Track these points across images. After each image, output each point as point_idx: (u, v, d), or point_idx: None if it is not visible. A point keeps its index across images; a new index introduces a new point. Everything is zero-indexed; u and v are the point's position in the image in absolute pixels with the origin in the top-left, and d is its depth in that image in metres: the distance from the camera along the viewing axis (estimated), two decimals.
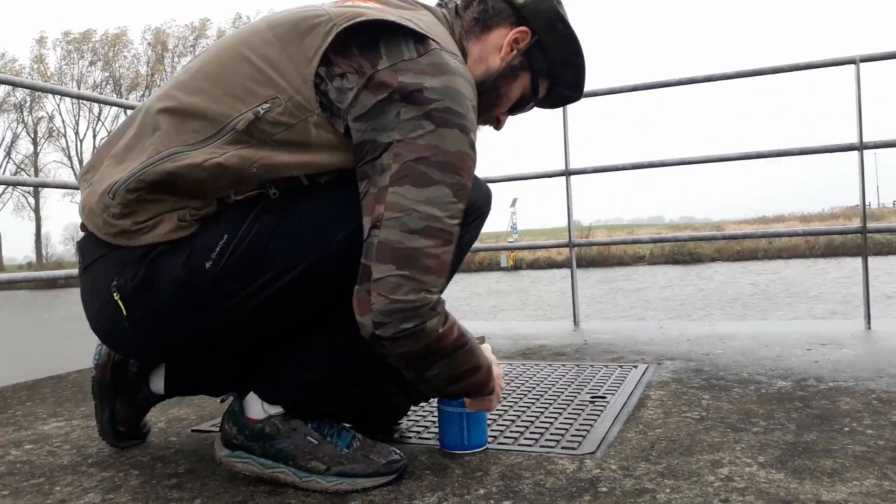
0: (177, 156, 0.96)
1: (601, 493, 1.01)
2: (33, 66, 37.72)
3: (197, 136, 0.98)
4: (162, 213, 0.99)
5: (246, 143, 0.97)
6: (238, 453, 1.09)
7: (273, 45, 0.99)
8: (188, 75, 1.04)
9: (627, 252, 21.55)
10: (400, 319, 0.93)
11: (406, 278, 0.93)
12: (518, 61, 1.15)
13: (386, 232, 0.94)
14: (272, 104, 0.96)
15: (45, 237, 41.38)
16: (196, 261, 0.98)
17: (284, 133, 0.96)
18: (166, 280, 0.98)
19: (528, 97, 1.20)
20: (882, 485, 0.99)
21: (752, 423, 1.32)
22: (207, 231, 0.99)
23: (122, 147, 1.04)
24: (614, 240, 3.64)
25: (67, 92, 3.03)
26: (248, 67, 0.98)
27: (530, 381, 1.76)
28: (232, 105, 0.97)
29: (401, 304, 0.93)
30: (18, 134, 38.53)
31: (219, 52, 1.04)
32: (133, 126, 1.05)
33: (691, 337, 2.38)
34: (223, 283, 0.98)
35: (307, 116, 0.96)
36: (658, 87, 2.95)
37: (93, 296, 1.06)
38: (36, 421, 1.62)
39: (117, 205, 0.98)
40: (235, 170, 0.97)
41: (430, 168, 0.94)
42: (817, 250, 19.48)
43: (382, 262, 0.94)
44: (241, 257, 0.98)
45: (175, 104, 1.00)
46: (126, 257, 0.99)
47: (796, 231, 3.04)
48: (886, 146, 2.57)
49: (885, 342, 2.16)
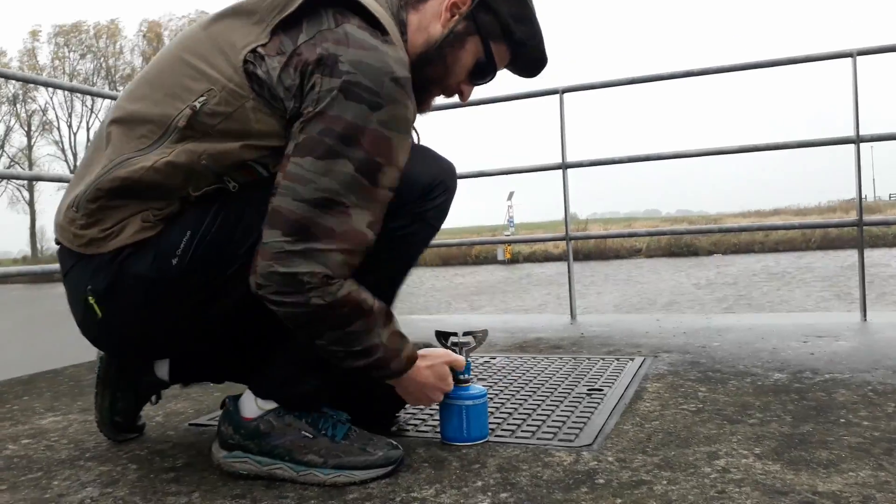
0: (128, 161, 1.00)
1: (598, 484, 1.01)
2: (22, 59, 37.48)
3: (146, 140, 1.01)
4: (126, 217, 1.01)
5: (190, 138, 0.99)
6: (235, 453, 1.10)
7: (204, 42, 1.02)
8: (133, 85, 1.09)
9: (624, 245, 21.57)
10: (278, 284, 0.95)
11: (290, 245, 0.95)
12: (462, 26, 1.10)
13: (279, 199, 0.96)
14: (208, 96, 0.98)
15: (39, 231, 41.14)
16: (162, 258, 1.00)
17: (224, 123, 0.98)
18: (135, 280, 1.01)
19: (484, 64, 1.13)
20: (878, 475, 1.00)
21: (748, 414, 1.33)
22: (172, 229, 1.02)
23: (82, 165, 1.09)
24: (611, 233, 3.65)
25: (60, 84, 3.02)
26: (184, 67, 1.01)
27: (527, 373, 1.76)
28: (171, 104, 1.00)
29: (280, 270, 0.95)
30: (12, 127, 38.35)
31: (159, 58, 1.08)
32: (92, 144, 1.10)
33: (688, 329, 2.39)
34: (190, 277, 1.01)
35: (243, 102, 0.97)
36: (655, 80, 2.95)
37: (73, 301, 1.09)
38: (33, 415, 1.62)
39: (81, 216, 1.02)
40: (186, 165, 0.99)
41: (334, 141, 0.94)
42: (814, 243, 19.53)
43: (271, 227, 0.96)
44: (206, 251, 1.01)
45: (122, 114, 1.05)
46: (97, 262, 1.03)
47: (793, 224, 3.05)
48: (883, 139, 2.58)
49: (880, 334, 2.17)
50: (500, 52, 1.14)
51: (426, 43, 1.10)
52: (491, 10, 1.10)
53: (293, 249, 0.95)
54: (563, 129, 2.99)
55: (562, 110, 2.99)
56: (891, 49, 2.54)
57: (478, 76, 1.16)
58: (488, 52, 1.13)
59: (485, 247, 22.08)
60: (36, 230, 39.76)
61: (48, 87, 3.80)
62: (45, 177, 3.73)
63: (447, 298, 11.78)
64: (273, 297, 0.96)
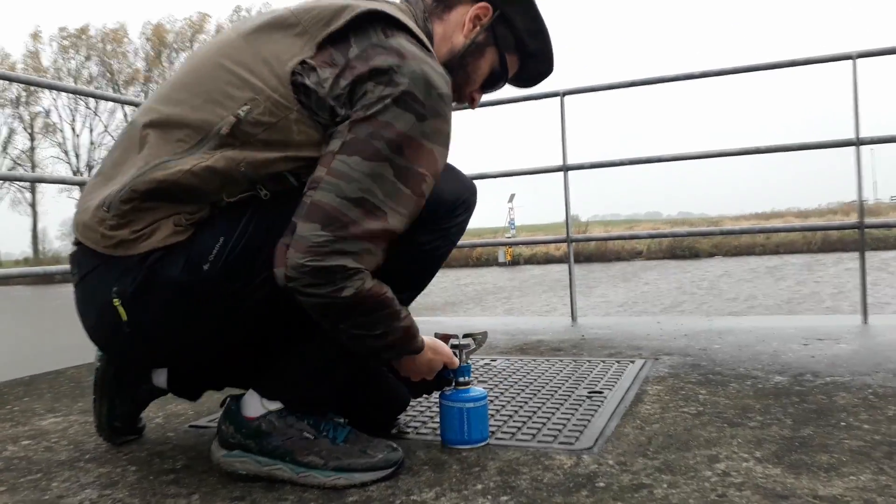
0: (165, 164, 0.99)
1: (598, 488, 1.01)
2: (26, 62, 37.52)
3: (183, 145, 1.00)
4: (158, 219, 1.00)
5: (231, 145, 0.99)
6: (235, 452, 1.09)
7: (245, 50, 1.02)
8: (168, 89, 1.08)
9: (625, 247, 21.56)
10: (311, 277, 0.95)
11: (328, 241, 0.95)
12: (482, 37, 1.16)
13: (321, 194, 0.96)
14: (252, 105, 0.98)
15: (41, 232, 41.21)
16: (194, 263, 0.99)
17: (267, 132, 0.99)
18: (165, 284, 0.99)
19: (498, 73, 1.21)
20: (878, 479, 1.00)
21: (748, 417, 1.33)
22: (204, 234, 1.00)
23: (110, 165, 1.07)
24: (612, 235, 3.64)
25: (64, 87, 3.02)
26: (224, 74, 1.02)
27: (528, 376, 1.76)
28: (213, 111, 1.00)
29: (315, 264, 0.94)
30: (15, 129, 38.41)
31: (195, 63, 1.08)
32: (119, 144, 1.09)
33: (688, 332, 2.38)
34: (221, 284, 1.00)
35: (287, 114, 0.99)
36: (656, 83, 2.95)
37: (90, 305, 1.07)
38: (33, 417, 1.62)
39: (112, 216, 1.00)
40: (224, 171, 0.98)
41: (382, 145, 0.96)
42: (815, 245, 19.50)
43: (309, 220, 0.96)
44: (238, 258, 1.00)
45: (158, 117, 1.04)
46: (125, 264, 1.00)
47: (794, 226, 3.05)
48: (883, 142, 2.58)
49: (881, 337, 2.16)
50: (511, 63, 1.22)
51: (450, 52, 1.16)
52: (508, 24, 1.18)
53: (330, 243, 0.95)
54: (563, 132, 2.99)
55: (563, 113, 2.99)
56: (891, 51, 2.53)
57: (490, 85, 1.23)
58: (503, 63, 1.20)
59: (486, 249, 22.08)
60: (38, 232, 39.83)
61: (52, 90, 3.79)
62: (47, 179, 3.74)
63: (449, 298, 11.80)
64: (304, 290, 0.96)
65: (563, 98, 2.99)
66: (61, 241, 46.32)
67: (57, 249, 44.86)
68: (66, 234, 44.83)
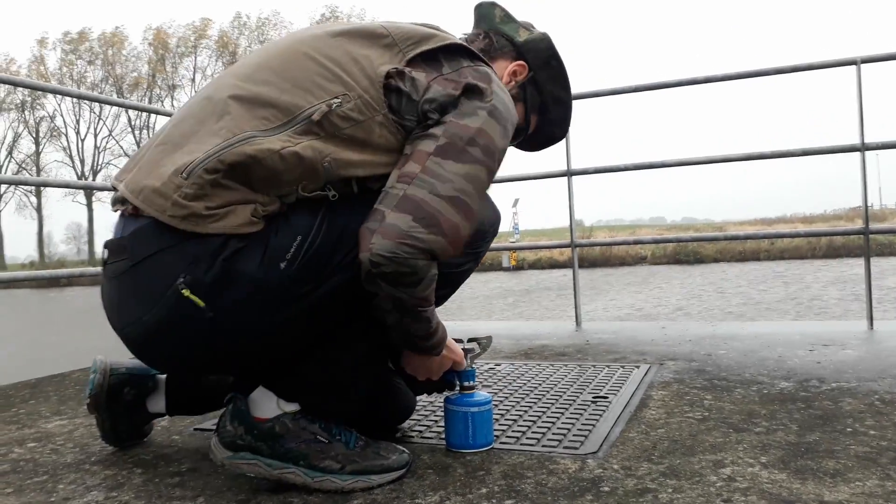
0: (253, 139, 0.97)
1: (603, 492, 1.01)
2: (31, 67, 37.74)
3: (268, 122, 0.99)
4: (233, 202, 0.96)
5: (317, 134, 0.99)
6: (242, 454, 1.06)
7: (336, 48, 1.05)
8: (249, 70, 1.06)
9: (629, 252, 21.53)
10: (399, 265, 0.95)
11: (418, 233, 0.96)
12: (515, 92, 1.25)
13: (414, 189, 0.99)
14: (343, 99, 1.00)
15: (46, 236, 41.42)
16: (272, 260, 0.97)
17: (352, 129, 1.00)
18: (242, 278, 0.96)
19: (519, 130, 1.27)
20: (885, 485, 0.99)
21: (754, 423, 1.32)
22: (279, 230, 0.98)
23: (179, 135, 1.02)
24: (616, 240, 3.64)
25: (69, 91, 3.03)
26: (314, 65, 1.03)
27: (532, 381, 1.76)
28: (303, 97, 1.00)
29: (402, 252, 0.95)
30: (20, 133, 38.61)
31: (279, 50, 1.08)
32: (188, 116, 1.05)
33: (693, 337, 2.38)
34: (295, 284, 0.98)
35: (374, 115, 1.01)
36: (660, 88, 2.95)
37: (141, 295, 0.99)
38: (39, 419, 1.63)
39: (192, 184, 0.95)
40: (310, 162, 0.98)
41: (474, 149, 1.02)
42: (819, 251, 19.44)
43: (401, 211, 0.97)
44: (313, 259, 0.99)
45: (244, 92, 1.02)
46: (196, 251, 0.95)
47: (798, 232, 3.04)
48: (888, 147, 2.57)
49: (887, 343, 2.16)
50: (532, 123, 1.31)
51: None
52: (538, 86, 1.28)
53: (421, 237, 0.96)
54: (567, 137, 3.00)
55: None
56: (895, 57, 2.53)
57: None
58: (527, 120, 1.29)
59: (490, 253, 22.06)
60: (43, 236, 39.99)
61: (57, 94, 3.82)
62: (52, 183, 3.76)
63: (453, 302, 11.77)
64: (390, 277, 0.96)
65: None
66: (66, 244, 46.49)
67: (62, 253, 45.01)
68: (72, 238, 44.99)
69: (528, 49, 1.26)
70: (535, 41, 1.26)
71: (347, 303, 1.03)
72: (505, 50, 1.26)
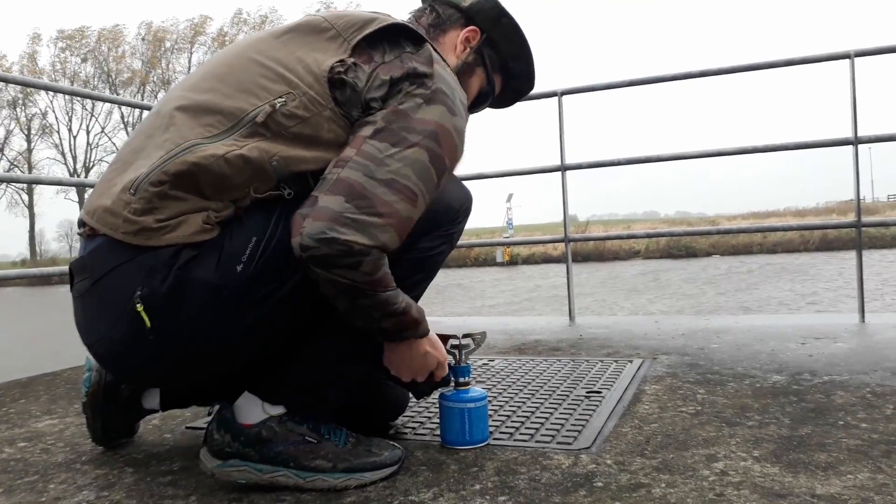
0: (197, 147, 0.97)
1: (597, 487, 1.01)
2: (23, 63, 37.42)
3: (213, 129, 0.99)
4: (184, 212, 0.97)
5: (262, 135, 0.99)
6: (232, 462, 1.05)
7: (279, 49, 1.05)
8: (195, 79, 1.07)
9: (623, 247, 21.59)
10: (330, 248, 0.92)
11: (351, 214, 0.94)
12: (472, 58, 1.25)
13: (348, 171, 0.97)
14: (287, 98, 1.00)
15: (38, 234, 41.16)
16: (227, 264, 0.96)
17: (299, 126, 1.00)
18: (198, 285, 0.95)
19: (486, 91, 1.30)
20: (876, 478, 1.00)
21: (746, 417, 1.33)
22: (235, 234, 0.98)
23: (129, 152, 1.04)
24: (610, 235, 3.65)
25: (61, 88, 3.01)
26: (258, 68, 1.04)
27: (526, 376, 1.76)
28: (246, 100, 1.01)
29: (337, 236, 0.92)
30: (11, 130, 38.32)
31: (225, 58, 1.09)
32: (139, 133, 1.06)
33: (686, 331, 2.38)
34: (254, 286, 0.98)
35: (321, 111, 1.01)
36: (653, 83, 2.95)
37: (103, 312, 1.00)
38: (30, 418, 1.62)
39: (139, 199, 0.96)
40: (257, 163, 0.97)
41: (412, 134, 1.00)
42: (812, 244, 19.54)
43: (333, 193, 0.95)
44: (271, 259, 0.98)
45: (188, 102, 1.03)
46: (151, 263, 0.95)
47: (791, 225, 3.04)
48: (881, 140, 2.58)
49: (879, 336, 2.17)
50: (497, 83, 1.31)
51: None
52: (494, 47, 1.27)
53: (354, 217, 0.94)
54: (561, 132, 2.99)
55: (560, 112, 2.99)
56: (889, 50, 2.54)
57: (479, 103, 1.32)
58: (490, 82, 1.29)
59: (483, 249, 22.07)
60: (35, 233, 39.75)
61: (48, 90, 3.80)
62: (44, 180, 3.72)
63: (448, 297, 11.79)
64: (321, 261, 0.93)
65: (561, 98, 2.99)
66: (58, 242, 46.22)
67: (54, 251, 44.75)
68: (64, 236, 44.76)
69: (475, 12, 1.25)
70: (480, 3, 1.25)
71: (317, 299, 1.01)
72: (454, 19, 1.25)
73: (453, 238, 1.19)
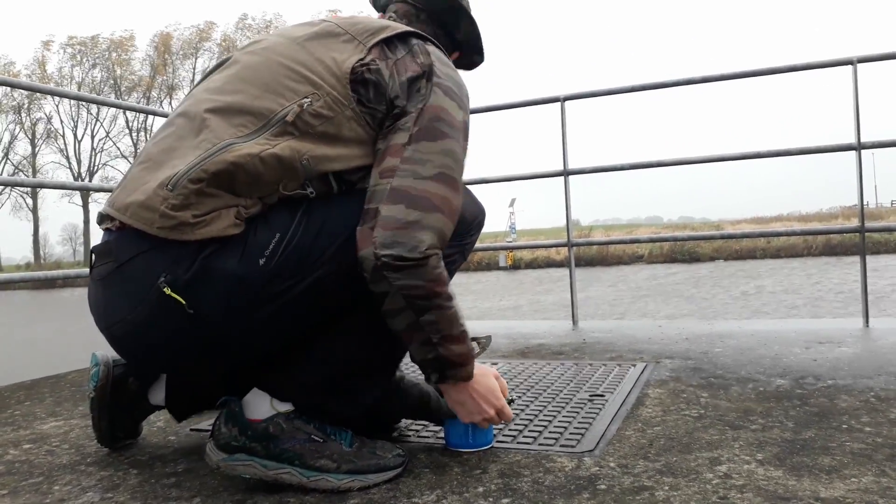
0: (233, 146, 1.00)
1: (600, 490, 1.01)
2: (32, 69, 37.62)
3: (244, 129, 1.03)
4: (217, 208, 1.00)
5: (292, 134, 1.03)
6: (237, 456, 1.06)
7: (300, 52, 1.09)
8: (220, 83, 1.10)
9: (626, 251, 21.56)
10: (403, 250, 0.98)
11: (415, 217, 1.00)
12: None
13: (399, 180, 1.03)
14: (312, 98, 1.04)
15: (42, 238, 41.26)
16: (251, 257, 1.00)
17: (324, 125, 1.04)
18: (221, 274, 0.99)
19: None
20: (880, 482, 1.00)
21: (750, 420, 1.33)
22: (259, 229, 1.01)
23: (158, 152, 1.06)
24: (612, 239, 3.64)
25: (66, 93, 3.03)
26: (283, 69, 1.07)
27: (529, 379, 1.76)
28: (274, 100, 1.05)
29: (405, 237, 0.99)
30: (16, 135, 38.49)
31: (248, 61, 1.12)
32: (168, 135, 1.08)
33: (690, 336, 2.38)
34: (275, 280, 1.01)
35: (343, 110, 1.05)
36: (656, 88, 2.96)
37: (125, 295, 1.02)
38: (34, 420, 1.62)
39: (177, 195, 0.98)
40: (289, 162, 1.01)
41: (441, 125, 1.07)
42: (815, 250, 19.48)
43: (393, 203, 1.01)
44: (292, 255, 1.01)
45: (218, 104, 1.06)
46: (176, 251, 0.98)
47: (794, 230, 3.04)
48: (884, 146, 2.58)
49: (883, 340, 2.16)
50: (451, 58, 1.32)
51: None
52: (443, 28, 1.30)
53: (418, 220, 1.00)
54: (564, 137, 3.00)
55: (563, 117, 3.00)
56: (891, 56, 2.54)
57: None
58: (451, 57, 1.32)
59: (487, 253, 22.05)
60: (39, 237, 39.87)
61: (55, 95, 3.81)
62: (48, 184, 3.75)
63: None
64: (396, 265, 0.98)
65: (564, 103, 3.00)
66: (62, 245, 46.36)
67: (58, 254, 44.88)
68: (68, 240, 44.87)
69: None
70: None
71: (333, 299, 1.05)
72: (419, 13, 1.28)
73: (465, 249, 1.22)
